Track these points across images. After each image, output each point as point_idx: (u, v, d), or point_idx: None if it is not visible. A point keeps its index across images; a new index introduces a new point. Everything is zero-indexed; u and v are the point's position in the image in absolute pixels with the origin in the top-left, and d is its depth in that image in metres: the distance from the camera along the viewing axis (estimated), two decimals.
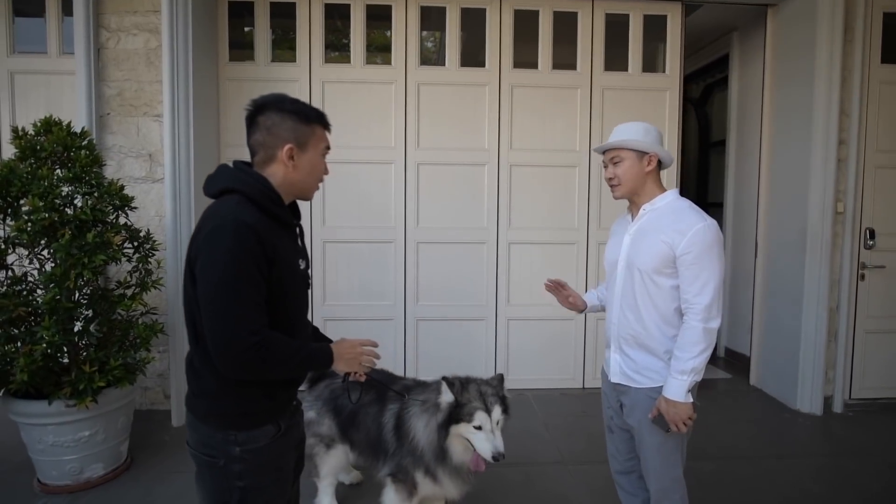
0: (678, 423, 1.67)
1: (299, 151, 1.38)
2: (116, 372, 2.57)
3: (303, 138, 1.38)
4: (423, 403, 1.97)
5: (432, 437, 1.90)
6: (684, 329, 1.69)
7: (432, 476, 1.95)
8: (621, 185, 1.81)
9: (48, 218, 2.43)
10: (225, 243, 1.23)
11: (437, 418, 1.89)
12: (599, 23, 3.90)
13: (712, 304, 1.65)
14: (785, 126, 3.93)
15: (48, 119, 2.69)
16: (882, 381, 3.84)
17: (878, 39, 3.67)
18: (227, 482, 1.35)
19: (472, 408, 1.85)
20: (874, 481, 2.83)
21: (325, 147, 1.47)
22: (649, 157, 1.79)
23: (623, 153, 1.79)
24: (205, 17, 3.54)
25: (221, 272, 1.23)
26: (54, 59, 3.61)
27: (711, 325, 1.66)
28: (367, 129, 3.84)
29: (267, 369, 1.28)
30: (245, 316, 1.23)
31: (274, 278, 1.30)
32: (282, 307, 1.35)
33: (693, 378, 1.66)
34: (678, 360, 1.67)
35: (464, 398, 1.87)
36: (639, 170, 1.79)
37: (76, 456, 2.59)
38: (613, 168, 1.81)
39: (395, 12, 3.81)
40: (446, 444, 1.89)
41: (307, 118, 1.39)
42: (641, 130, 1.79)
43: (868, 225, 3.72)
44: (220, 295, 1.23)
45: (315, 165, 1.44)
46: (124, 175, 3.39)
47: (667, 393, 1.68)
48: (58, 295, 2.42)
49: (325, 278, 3.90)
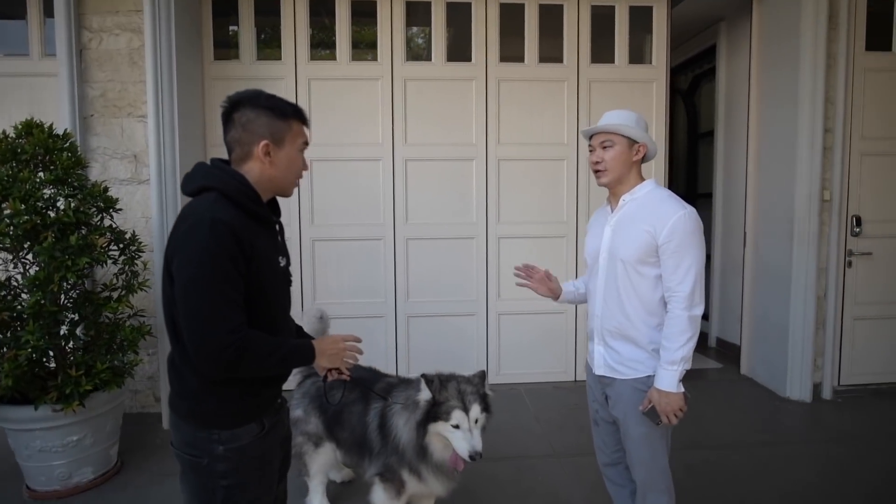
0: (670, 414, 1.67)
1: (276, 147, 1.36)
2: (104, 375, 2.56)
3: (279, 134, 1.37)
4: (405, 401, 1.96)
5: (412, 436, 1.88)
6: (669, 319, 1.69)
7: (417, 474, 1.94)
8: (608, 171, 1.78)
9: (30, 221, 2.40)
10: (201, 241, 1.22)
11: (416, 416, 1.87)
12: (585, 15, 3.89)
13: (694, 290, 1.66)
14: (771, 115, 3.94)
15: (29, 122, 2.66)
16: (870, 367, 3.88)
17: (863, 26, 3.69)
18: (211, 481, 1.35)
19: (449, 406, 1.82)
20: (863, 466, 2.86)
21: (303, 142, 1.44)
22: (639, 147, 1.78)
23: (615, 138, 1.77)
24: (188, 16, 3.50)
25: (197, 270, 1.22)
26: (36, 61, 3.56)
27: (695, 311, 1.67)
28: (355, 126, 3.82)
29: (246, 367, 1.27)
30: (222, 314, 1.22)
31: (253, 275, 1.29)
32: (263, 305, 1.34)
33: (683, 367, 1.67)
34: (667, 351, 1.68)
35: (442, 396, 1.84)
36: (627, 157, 1.78)
37: (65, 461, 2.57)
38: (602, 152, 1.78)
39: (380, 8, 3.79)
40: (425, 441, 1.87)
41: (283, 114, 1.37)
42: (634, 119, 1.78)
43: (854, 212, 3.75)
44: (196, 293, 1.22)
45: (292, 161, 1.41)
46: (109, 177, 3.37)
47: (659, 384, 1.68)
48: (42, 299, 2.40)
49: (316, 276, 3.89)
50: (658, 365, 1.70)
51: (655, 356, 1.74)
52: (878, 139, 3.76)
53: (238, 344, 1.22)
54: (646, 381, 1.75)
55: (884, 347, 3.87)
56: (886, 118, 3.76)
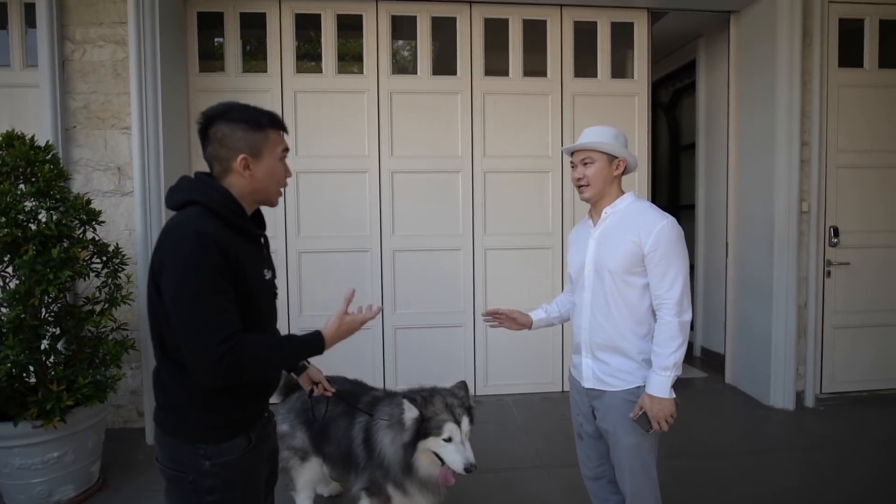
0: (661, 420, 1.69)
1: (254, 160, 1.35)
2: (85, 390, 2.51)
3: (256, 146, 1.35)
4: (390, 418, 1.93)
5: (399, 455, 1.86)
6: (660, 325, 1.72)
7: (402, 489, 1.92)
8: (590, 187, 1.83)
9: (10, 234, 2.37)
10: (187, 255, 1.22)
11: (403, 437, 1.84)
12: (568, 30, 3.96)
13: (682, 297, 1.70)
14: (750, 129, 4.04)
15: (10, 133, 2.62)
16: (850, 374, 3.95)
17: (836, 44, 3.81)
18: (196, 497, 1.33)
19: (440, 420, 1.80)
20: (845, 473, 2.90)
21: (283, 150, 1.42)
22: (618, 162, 1.82)
23: (595, 155, 1.81)
24: (173, 28, 3.50)
25: (185, 284, 1.22)
26: (17, 71, 3.53)
27: (684, 317, 1.71)
28: (341, 138, 3.83)
29: (249, 370, 1.27)
30: (214, 324, 1.21)
31: (239, 288, 1.28)
32: (250, 317, 1.33)
33: (675, 373, 1.70)
34: (659, 357, 1.70)
35: (429, 411, 1.82)
36: (608, 172, 1.82)
37: (45, 478, 2.51)
38: (583, 169, 1.83)
39: (366, 22, 3.82)
40: (412, 459, 1.84)
41: (258, 124, 1.35)
42: (613, 135, 1.82)
43: (832, 223, 3.83)
44: (186, 307, 1.22)
45: (273, 171, 1.39)
46: (92, 189, 3.33)
47: (651, 390, 1.70)
48: (22, 313, 2.36)
49: (302, 289, 3.87)
50: (650, 371, 1.73)
51: (645, 366, 1.77)
52: (853, 152, 3.86)
53: (234, 351, 1.21)
54: (635, 391, 1.77)
55: (863, 356, 3.95)
56: (860, 132, 3.87)
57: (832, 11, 3.77)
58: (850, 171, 3.87)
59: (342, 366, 2.40)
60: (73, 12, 3.32)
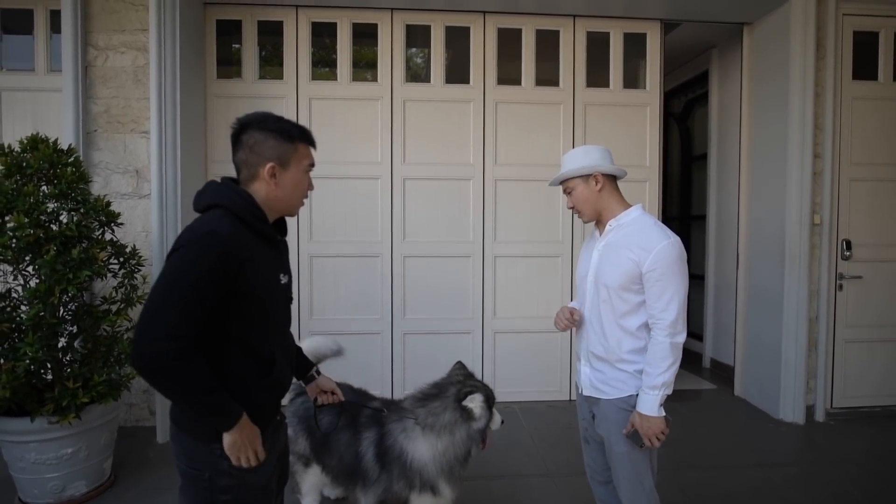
0: (651, 437, 1.71)
1: (281, 169, 1.40)
2: (100, 388, 2.57)
3: (285, 157, 1.41)
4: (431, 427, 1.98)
5: (458, 450, 1.98)
6: (652, 345, 1.73)
7: (432, 490, 1.95)
8: (583, 212, 1.89)
9: (33, 234, 2.43)
10: (187, 248, 1.26)
11: (480, 423, 2.00)
12: (581, 40, 3.99)
13: (678, 319, 1.70)
14: (762, 140, 4.03)
15: (35, 136, 2.70)
16: (862, 389, 3.90)
17: (850, 57, 3.80)
18: (211, 496, 1.35)
19: (487, 392, 2.06)
20: (856, 489, 2.87)
21: (309, 164, 1.48)
22: (594, 178, 1.84)
23: (570, 183, 1.87)
24: (193, 35, 3.59)
25: (171, 270, 1.25)
26: (42, 76, 3.63)
27: (678, 339, 1.71)
28: (354, 145, 3.89)
29: (168, 383, 1.23)
30: (170, 319, 1.20)
31: (246, 290, 1.30)
32: (259, 319, 1.36)
33: (664, 392, 1.71)
34: (649, 376, 1.71)
35: (485, 391, 2.06)
36: (590, 192, 1.85)
37: (58, 474, 2.57)
38: (569, 198, 1.90)
39: (380, 30, 3.88)
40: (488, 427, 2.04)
41: (289, 136, 1.41)
42: (580, 155, 1.85)
43: (844, 236, 3.81)
44: (156, 291, 1.24)
45: (297, 183, 1.45)
46: (111, 191, 3.41)
47: (640, 408, 1.72)
48: (42, 311, 2.42)
49: (313, 293, 3.91)
50: (640, 390, 1.74)
51: (636, 377, 1.78)
52: (867, 165, 3.84)
53: (174, 354, 1.19)
54: (628, 399, 1.79)
55: (875, 371, 3.90)
56: (874, 144, 3.85)
57: (846, 24, 3.77)
58: (864, 184, 3.85)
59: (351, 368, 2.42)
60: (96, 19, 3.41)
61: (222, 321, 1.30)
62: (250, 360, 1.37)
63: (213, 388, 1.27)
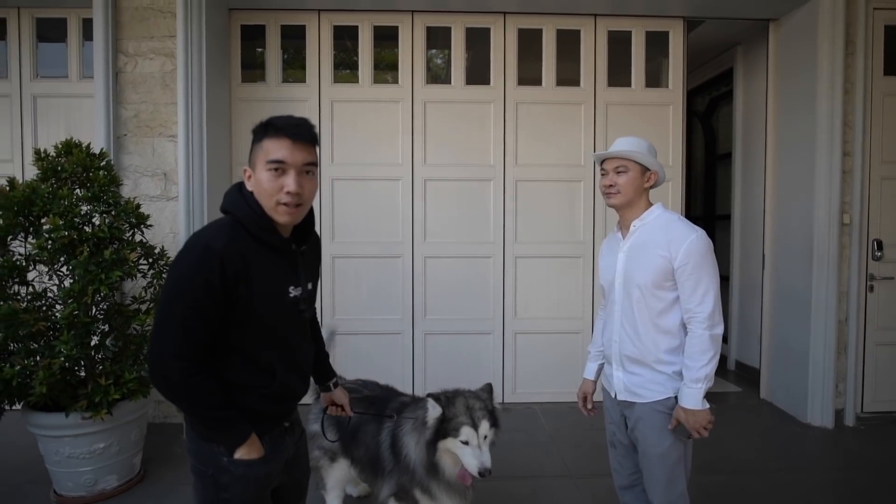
0: (699, 429, 1.71)
1: (253, 172, 1.35)
2: (131, 385, 2.64)
3: (253, 157, 1.36)
4: (415, 420, 1.97)
5: (422, 454, 1.88)
6: (691, 339, 1.73)
7: (428, 493, 1.94)
8: (620, 195, 1.84)
9: (68, 236, 2.52)
10: (180, 264, 1.28)
11: (426, 435, 1.87)
12: (602, 40, 3.97)
13: (714, 311, 1.70)
14: (789, 138, 3.95)
15: (69, 141, 2.80)
16: (893, 394, 3.79)
17: (881, 52, 3.69)
18: (215, 492, 1.37)
19: (458, 423, 1.82)
20: (886, 496, 2.80)
21: (270, 161, 1.30)
22: (650, 174, 1.84)
23: (629, 164, 1.82)
24: (218, 41, 3.66)
25: (166, 291, 1.28)
26: (74, 82, 3.76)
27: (716, 331, 1.71)
28: (375, 147, 3.93)
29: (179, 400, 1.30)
30: (173, 340, 1.25)
31: (244, 301, 1.29)
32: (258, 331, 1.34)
33: (707, 384, 1.70)
34: (690, 370, 1.71)
35: (450, 412, 1.84)
36: (639, 183, 1.84)
37: (91, 468, 2.65)
38: (615, 176, 1.83)
39: (401, 32, 3.91)
40: (436, 458, 1.86)
41: (256, 133, 1.35)
42: (646, 146, 1.84)
43: (875, 236, 3.71)
44: (159, 311, 1.28)
45: (261, 183, 1.32)
46: (140, 194, 3.50)
47: (684, 403, 1.72)
48: (76, 310, 2.50)
49: (335, 292, 3.96)
50: (682, 384, 1.74)
51: (675, 378, 1.77)
52: None
53: (182, 374, 1.25)
54: (665, 402, 1.78)
55: None
56: None
57: (877, 18, 3.66)
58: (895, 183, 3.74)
59: (372, 367, 2.46)
60: (126, 27, 3.51)
61: (224, 330, 1.31)
62: (251, 369, 1.37)
63: (222, 405, 1.31)
